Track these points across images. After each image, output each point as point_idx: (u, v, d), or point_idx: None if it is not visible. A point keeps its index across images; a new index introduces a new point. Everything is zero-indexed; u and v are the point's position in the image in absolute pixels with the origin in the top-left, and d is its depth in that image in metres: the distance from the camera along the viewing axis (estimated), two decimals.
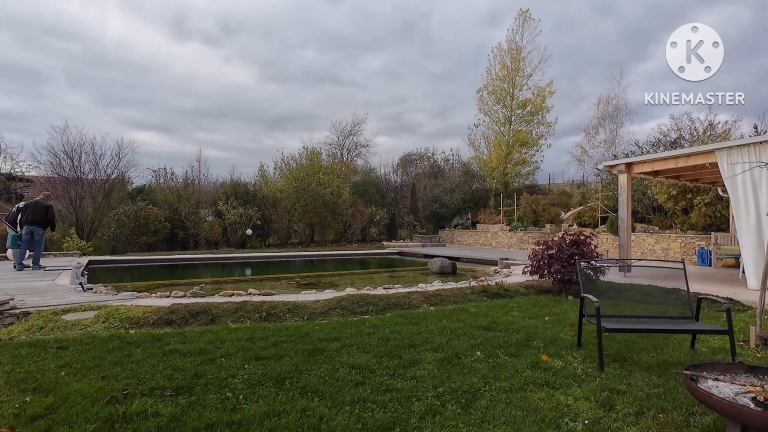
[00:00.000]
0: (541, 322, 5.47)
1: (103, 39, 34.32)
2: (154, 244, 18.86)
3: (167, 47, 38.62)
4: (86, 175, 18.39)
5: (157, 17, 37.06)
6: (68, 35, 33.43)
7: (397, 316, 5.64)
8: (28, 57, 32.49)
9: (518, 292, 7.47)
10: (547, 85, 23.51)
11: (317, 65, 43.25)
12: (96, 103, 38.04)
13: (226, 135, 43.99)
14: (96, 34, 34.12)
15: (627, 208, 9.36)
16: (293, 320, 5.50)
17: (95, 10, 33.65)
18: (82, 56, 34.37)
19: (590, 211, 18.80)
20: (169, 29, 38.48)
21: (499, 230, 21.59)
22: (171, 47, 38.90)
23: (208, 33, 39.76)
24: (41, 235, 9.85)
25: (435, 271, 11.49)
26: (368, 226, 24.08)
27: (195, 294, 6.79)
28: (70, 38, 33.76)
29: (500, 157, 23.92)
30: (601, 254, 7.35)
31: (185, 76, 39.42)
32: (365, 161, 35.49)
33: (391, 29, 42.14)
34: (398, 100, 46.32)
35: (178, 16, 37.72)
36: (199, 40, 40.02)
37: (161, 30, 38.33)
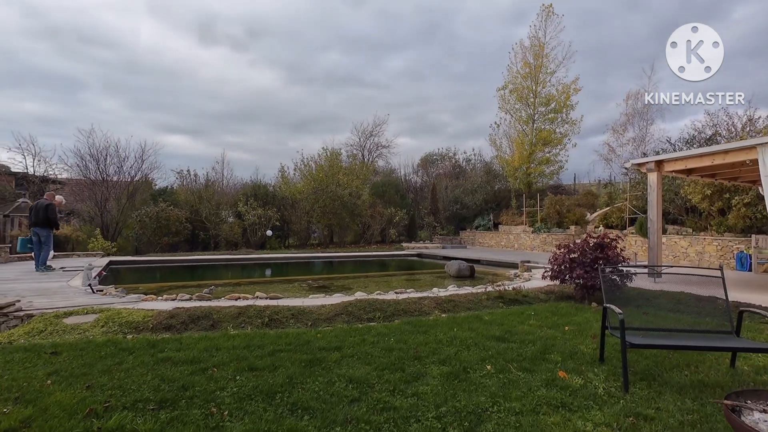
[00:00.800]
0: (560, 332, 5.06)
1: (136, 46, 35.48)
2: (175, 245, 19.12)
3: (195, 53, 39.59)
4: (111, 177, 18.81)
5: (186, 23, 38.00)
6: (103, 43, 34.70)
7: (405, 324, 5.33)
8: (67, 65, 33.94)
9: (537, 299, 7.04)
10: (572, 82, 22.70)
11: (341, 67, 43.47)
12: (129, 108, 39.42)
13: (252, 138, 44.76)
14: (129, 41, 35.31)
15: (657, 208, 8.75)
16: (296, 327, 5.28)
17: (128, 18, 34.83)
18: (116, 63, 35.62)
19: (618, 212, 17.98)
20: (197, 35, 39.43)
21: (521, 232, 20.95)
22: (199, 52, 39.85)
23: (234, 38, 40.51)
24: (46, 236, 9.93)
25: (452, 274, 11.11)
26: (387, 227, 23.80)
27: (201, 297, 6.67)
28: (105, 46, 35.03)
29: (523, 157, 23.24)
30: (628, 258, 6.85)
31: (213, 80, 40.34)
32: (386, 162, 35.32)
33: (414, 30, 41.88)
34: (421, 101, 46.02)
35: (206, 21, 38.55)
36: (226, 44, 40.87)
37: (190, 36, 39.32)
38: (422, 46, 43.50)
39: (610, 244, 6.87)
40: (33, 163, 27.73)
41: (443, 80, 45.06)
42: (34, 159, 27.38)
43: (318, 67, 43.18)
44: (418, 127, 46.90)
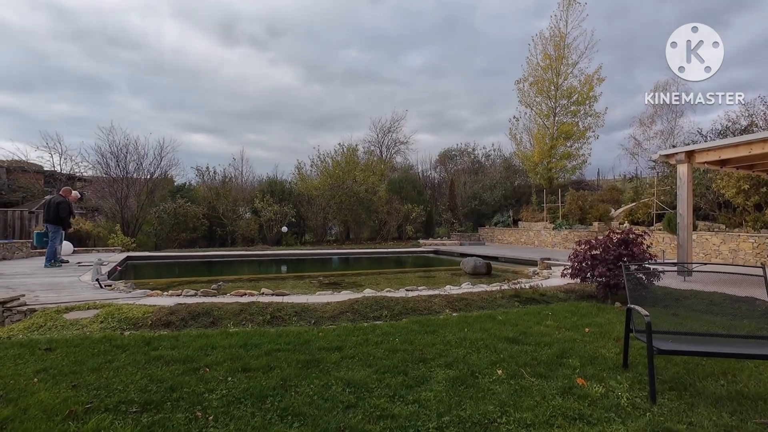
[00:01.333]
0: (579, 334, 4.69)
1: (161, 47, 36.29)
2: (194, 241, 19.30)
3: (217, 52, 40.24)
4: (131, 174, 19.09)
5: (209, 24, 38.60)
6: (130, 45, 35.63)
7: (413, 323, 5.06)
8: (95, 67, 34.99)
9: (556, 297, 6.65)
10: (595, 72, 21.87)
11: (359, 64, 43.41)
12: (154, 108, 40.52)
13: (272, 136, 45.25)
14: (154, 42, 36.17)
15: (687, 203, 8.20)
16: (298, 324, 5.07)
17: (153, 20, 35.69)
18: (142, 64, 36.54)
19: (644, 208, 17.21)
20: (219, 35, 40.05)
21: (542, 228, 20.33)
22: (221, 52, 40.49)
23: (255, 37, 40.95)
24: (54, 232, 9.97)
25: (468, 271, 10.75)
26: (404, 224, 23.50)
27: (206, 293, 6.54)
28: (132, 48, 35.96)
29: (543, 151, 22.55)
30: (655, 255, 6.39)
31: (234, 79, 40.94)
32: (404, 158, 35.00)
33: (434, 25, 41.41)
34: (441, 97, 45.56)
35: (228, 21, 39.06)
36: (246, 44, 41.36)
37: (212, 36, 39.97)
38: (441, 41, 43.03)
39: (636, 240, 6.42)
40: (60, 161, 28.54)
41: (463, 76, 44.49)
42: (61, 157, 28.18)
43: (337, 64, 43.25)
44: (438, 123, 46.47)
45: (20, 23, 32.33)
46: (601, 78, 21.84)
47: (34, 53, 34.07)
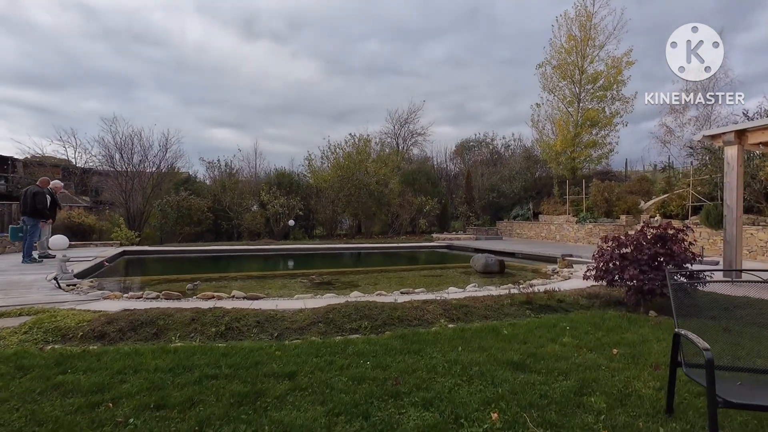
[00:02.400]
0: (605, 357, 3.68)
1: (184, 44, 36.34)
2: (200, 234, 18.80)
3: (240, 48, 40.20)
4: (136, 166, 18.70)
5: (231, 19, 38.43)
6: (155, 42, 35.83)
7: (395, 339, 4.13)
8: (122, 65, 35.42)
9: (576, 304, 5.60)
10: (624, 55, 20.22)
11: (380, 57, 42.52)
12: (180, 104, 40.87)
13: (293, 130, 45.04)
14: (178, 39, 36.27)
15: (737, 192, 6.96)
16: (257, 338, 4.21)
17: (177, 17, 35.74)
18: (167, 61, 36.76)
19: (678, 200, 15.72)
20: (241, 30, 39.91)
21: (564, 222, 19.01)
22: (243, 48, 40.42)
23: (276, 31, 40.59)
24: (31, 225, 9.35)
25: (478, 269, 9.72)
26: (417, 217, 22.48)
27: (169, 295, 5.76)
28: (156, 45, 36.17)
29: (566, 140, 21.07)
30: (699, 255, 5.26)
31: (256, 74, 40.75)
32: (421, 150, 33.91)
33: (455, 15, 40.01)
34: (462, 89, 44.24)
35: (250, 16, 38.76)
36: (268, 38, 41.08)
37: (234, 32, 39.79)
38: (463, 31, 41.59)
39: (676, 236, 5.30)
40: (75, 154, 28.60)
41: (485, 67, 42.96)
42: (75, 151, 28.23)
43: (357, 57, 42.45)
44: (459, 115, 45.11)
45: (52, 23, 32.90)
46: (631, 61, 20.20)
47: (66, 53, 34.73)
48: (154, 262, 12.74)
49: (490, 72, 43.62)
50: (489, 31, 40.38)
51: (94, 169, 27.14)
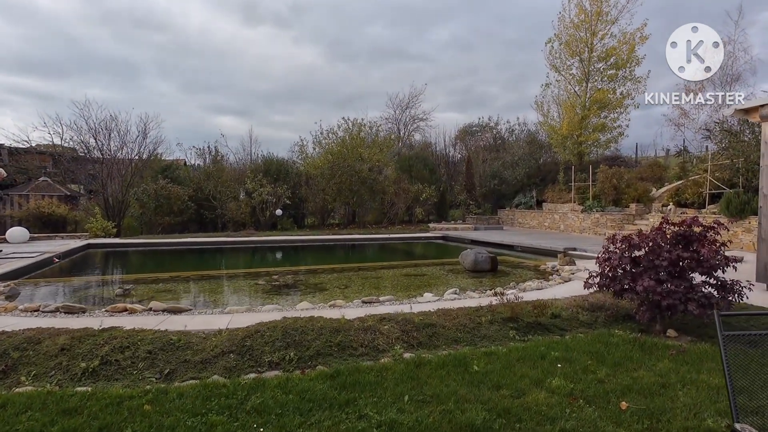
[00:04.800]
0: (609, 417, 2.56)
1: (187, 28, 35.13)
2: (183, 225, 17.83)
3: (242, 32, 38.84)
4: (113, 153, 17.67)
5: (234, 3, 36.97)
6: (156, 27, 34.63)
7: (324, 380, 3.05)
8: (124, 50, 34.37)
9: (574, 321, 4.47)
10: (638, 30, 18.61)
11: (385, 40, 40.91)
12: (182, 91, 39.83)
13: (297, 116, 43.79)
14: (180, 23, 35.02)
15: None
16: (139, 377, 3.14)
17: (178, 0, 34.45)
18: (169, 46, 35.63)
19: (694, 187, 14.37)
20: (244, 14, 38.47)
21: (569, 211, 17.75)
22: (245, 32, 39.13)
23: (278, 14, 39.09)
24: None
25: (467, 267, 8.59)
26: (414, 206, 21.30)
27: (70, 309, 4.70)
28: (158, 29, 35.00)
29: (573, 123, 19.63)
30: (735, 259, 4.09)
31: (259, 59, 39.54)
32: (423, 136, 32.57)
33: None
34: (469, 72, 42.49)
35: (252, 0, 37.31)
36: (270, 22, 39.63)
37: (236, 15, 38.39)
38: (470, 12, 39.75)
39: (705, 236, 4.12)
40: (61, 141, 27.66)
41: (492, 49, 41.15)
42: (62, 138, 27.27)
43: (362, 41, 40.90)
44: (465, 100, 43.40)
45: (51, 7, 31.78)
46: (645, 36, 18.61)
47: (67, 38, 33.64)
48: (119, 256, 11.77)
49: (497, 54, 41.83)
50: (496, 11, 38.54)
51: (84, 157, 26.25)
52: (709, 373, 3.15)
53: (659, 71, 31.30)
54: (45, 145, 28.14)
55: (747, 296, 4.12)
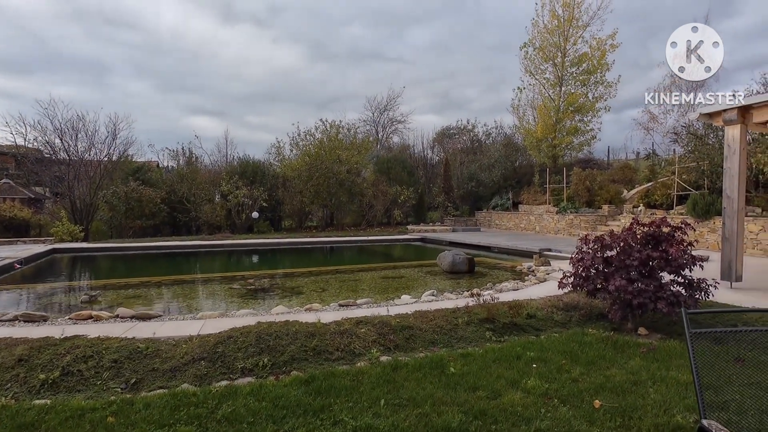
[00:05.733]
0: (583, 416, 2.59)
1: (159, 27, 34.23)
2: (155, 228, 17.32)
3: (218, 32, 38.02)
4: (81, 154, 17.02)
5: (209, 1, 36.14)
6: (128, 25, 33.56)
7: (298, 385, 2.98)
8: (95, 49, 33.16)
9: (549, 321, 4.53)
10: (609, 37, 19.19)
11: (364, 42, 40.88)
12: (156, 90, 38.74)
13: (276, 118, 43.28)
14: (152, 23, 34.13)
15: (739, 180, 5.97)
16: (103, 388, 3.00)
17: None
18: (142, 45, 34.61)
19: (662, 188, 14.87)
20: (220, 13, 37.67)
21: (544, 212, 18.09)
22: (222, 32, 38.25)
23: (256, 14, 38.46)
24: None
25: (445, 268, 8.62)
26: (392, 208, 21.32)
27: (29, 317, 4.47)
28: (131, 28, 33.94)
29: (548, 126, 20.07)
30: (701, 259, 4.22)
31: (236, 60, 38.85)
32: (402, 138, 32.73)
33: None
34: (448, 75, 42.93)
35: None
36: (248, 22, 38.95)
37: (212, 15, 37.56)
38: (449, 16, 40.19)
39: (673, 236, 4.25)
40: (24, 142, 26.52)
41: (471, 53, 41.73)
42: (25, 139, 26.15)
43: (341, 42, 40.75)
44: (444, 103, 43.86)
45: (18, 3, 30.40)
46: (615, 44, 19.20)
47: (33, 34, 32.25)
48: (86, 261, 11.33)
49: (476, 58, 42.45)
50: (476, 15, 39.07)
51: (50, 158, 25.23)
52: (677, 370, 3.23)
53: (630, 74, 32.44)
54: (7, 145, 26.94)
55: (713, 294, 4.26)
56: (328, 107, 43.29)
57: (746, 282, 6.35)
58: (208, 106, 42.78)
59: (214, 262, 11.80)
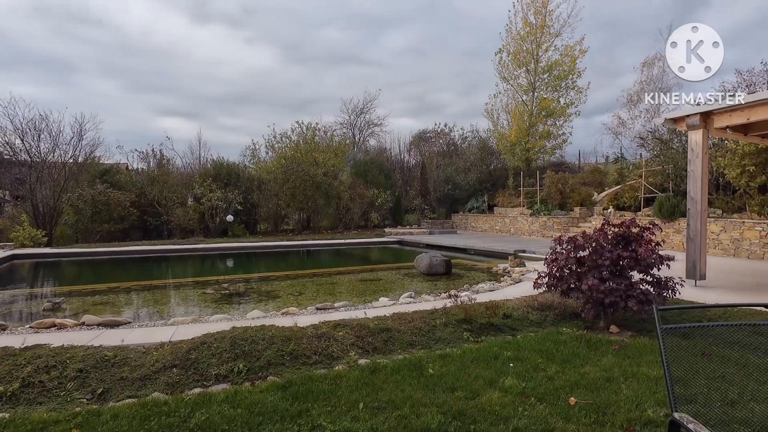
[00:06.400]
0: (559, 413, 2.63)
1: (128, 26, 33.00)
2: (125, 232, 16.71)
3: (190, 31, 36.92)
4: (44, 156, 16.30)
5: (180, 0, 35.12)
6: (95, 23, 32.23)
7: (275, 391, 2.91)
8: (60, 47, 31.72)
9: (525, 320, 4.60)
10: (577, 43, 19.79)
11: (340, 45, 40.61)
12: (125, 90, 37.30)
13: (250, 120, 42.31)
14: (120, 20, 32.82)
15: (702, 183, 6.24)
16: (67, 399, 2.86)
17: None
18: (110, 44, 33.25)
19: (630, 191, 15.39)
20: (191, 12, 36.64)
21: (518, 214, 18.44)
22: (194, 31, 37.16)
23: (229, 14, 37.62)
24: None
25: (422, 271, 8.66)
26: (369, 211, 21.30)
27: None
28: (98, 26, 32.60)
29: (522, 130, 20.50)
30: (669, 258, 4.38)
31: (209, 61, 37.86)
32: (378, 141, 32.77)
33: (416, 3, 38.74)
34: (422, 80, 43.25)
35: None
36: (221, 22, 38.07)
37: (183, 14, 36.47)
38: (424, 20, 40.49)
39: (642, 236, 4.39)
40: None
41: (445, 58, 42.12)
42: None
43: (316, 44, 40.39)
44: (420, 107, 44.13)
45: None
46: (584, 49, 19.82)
47: None
48: (50, 267, 10.83)
49: (450, 63, 42.96)
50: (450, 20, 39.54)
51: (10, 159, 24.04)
52: (648, 366, 3.33)
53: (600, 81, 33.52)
54: None
55: (679, 292, 4.42)
56: (304, 110, 43.00)
57: (709, 280, 6.63)
58: (179, 107, 41.73)
59: (187, 267, 11.48)
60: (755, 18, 27.74)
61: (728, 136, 7.11)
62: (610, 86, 35.79)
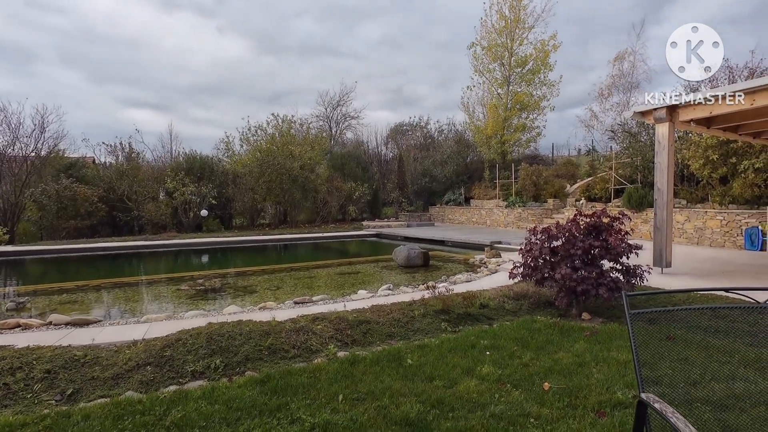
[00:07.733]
0: (534, 398, 2.70)
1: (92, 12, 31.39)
2: (93, 229, 16.12)
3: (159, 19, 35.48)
4: (3, 149, 15.52)
5: None
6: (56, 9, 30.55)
7: (253, 386, 2.89)
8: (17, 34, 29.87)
9: (501, 310, 4.70)
10: (551, 38, 20.14)
11: (315, 36, 39.94)
12: (89, 81, 35.65)
13: (222, 112, 41.16)
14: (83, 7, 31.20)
15: (668, 174, 6.49)
16: (35, 400, 2.76)
17: None
18: (72, 32, 31.61)
19: (601, 183, 15.86)
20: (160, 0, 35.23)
21: (494, 206, 18.73)
22: (162, 19, 35.74)
23: (199, 2, 36.38)
24: None
25: (400, 263, 8.71)
26: (347, 204, 21.23)
27: None
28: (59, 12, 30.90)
29: (497, 123, 20.78)
30: (637, 247, 4.54)
31: (178, 50, 36.56)
32: (355, 134, 32.58)
33: None
34: (399, 72, 43.07)
35: None
36: (190, 9, 36.76)
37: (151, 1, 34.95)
38: (399, 12, 40.29)
39: (612, 226, 4.54)
40: None
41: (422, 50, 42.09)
42: None
43: (291, 35, 39.61)
44: (396, 99, 43.98)
45: None
46: (557, 44, 20.18)
47: None
48: (12, 265, 10.37)
49: (426, 55, 42.98)
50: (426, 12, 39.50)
51: None
52: (617, 351, 3.46)
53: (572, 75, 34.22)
54: None
55: (647, 279, 4.60)
56: (278, 102, 42.28)
57: (675, 267, 6.92)
58: (148, 98, 40.33)
59: (160, 263, 11.18)
60: (719, 15, 28.80)
61: (693, 129, 7.40)
62: (582, 80, 36.60)
